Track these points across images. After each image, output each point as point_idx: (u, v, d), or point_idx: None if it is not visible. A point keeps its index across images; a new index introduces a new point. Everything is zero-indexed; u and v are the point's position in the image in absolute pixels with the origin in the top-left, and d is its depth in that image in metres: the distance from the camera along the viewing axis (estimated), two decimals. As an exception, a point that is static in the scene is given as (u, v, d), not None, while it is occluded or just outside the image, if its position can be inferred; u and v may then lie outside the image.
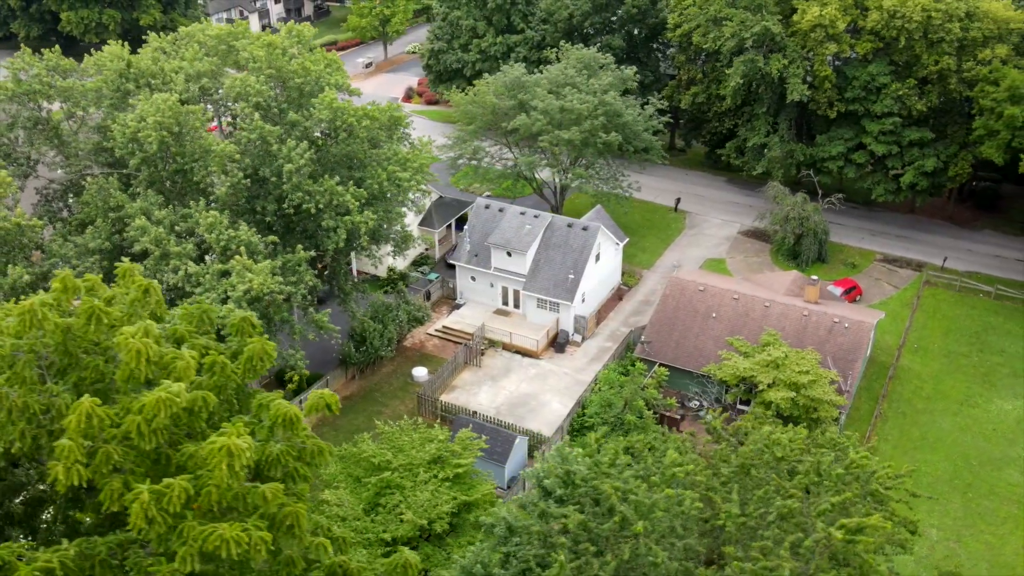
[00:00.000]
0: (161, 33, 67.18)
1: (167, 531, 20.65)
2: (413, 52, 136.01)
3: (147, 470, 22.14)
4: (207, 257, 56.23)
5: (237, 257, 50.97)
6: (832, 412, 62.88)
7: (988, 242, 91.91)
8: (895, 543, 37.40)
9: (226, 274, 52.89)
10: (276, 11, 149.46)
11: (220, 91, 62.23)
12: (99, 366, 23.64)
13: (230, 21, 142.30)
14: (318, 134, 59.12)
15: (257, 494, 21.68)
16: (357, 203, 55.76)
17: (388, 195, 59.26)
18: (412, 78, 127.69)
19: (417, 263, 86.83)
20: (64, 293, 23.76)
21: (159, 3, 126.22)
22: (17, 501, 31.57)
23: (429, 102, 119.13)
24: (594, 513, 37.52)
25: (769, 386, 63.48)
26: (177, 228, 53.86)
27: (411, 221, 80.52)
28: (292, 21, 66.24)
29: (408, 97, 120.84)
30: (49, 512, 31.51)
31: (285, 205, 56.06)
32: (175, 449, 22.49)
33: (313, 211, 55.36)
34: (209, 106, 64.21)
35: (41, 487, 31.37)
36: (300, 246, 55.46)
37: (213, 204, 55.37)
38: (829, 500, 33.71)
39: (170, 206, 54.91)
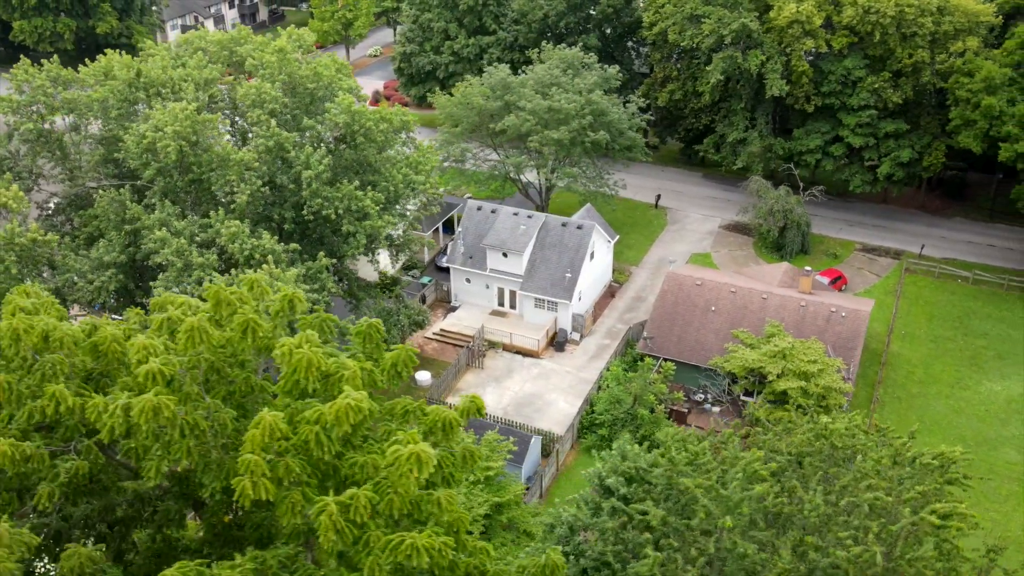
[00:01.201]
0: (158, 42, 66.09)
1: (352, 542, 20.52)
2: (376, 55, 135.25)
3: (319, 481, 21.98)
4: (223, 266, 55.46)
5: (264, 266, 50.38)
6: (840, 400, 64.26)
7: (960, 229, 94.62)
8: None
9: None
10: (231, 16, 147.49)
11: (224, 99, 61.36)
12: (248, 379, 23.37)
13: (185, 28, 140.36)
14: (330, 139, 58.63)
15: (432, 500, 21.66)
16: (377, 207, 55.52)
17: (402, 198, 59.07)
18: (377, 82, 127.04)
19: (407, 267, 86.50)
20: (218, 307, 23.41)
21: (115, 10, 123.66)
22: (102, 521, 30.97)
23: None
24: (668, 509, 38.01)
25: (778, 376, 64.62)
26: (197, 239, 53.05)
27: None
28: (294, 27, 65.43)
29: (375, 101, 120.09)
30: (146, 532, 30.98)
31: (304, 212, 55.56)
32: (339, 459, 22.32)
33: (333, 217, 54.97)
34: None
35: (129, 508, 30.80)
36: (321, 253, 55.02)
37: (231, 213, 54.61)
38: (916, 489, 34.75)
39: (188, 217, 54.06)
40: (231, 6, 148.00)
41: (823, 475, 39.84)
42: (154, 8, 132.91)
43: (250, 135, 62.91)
